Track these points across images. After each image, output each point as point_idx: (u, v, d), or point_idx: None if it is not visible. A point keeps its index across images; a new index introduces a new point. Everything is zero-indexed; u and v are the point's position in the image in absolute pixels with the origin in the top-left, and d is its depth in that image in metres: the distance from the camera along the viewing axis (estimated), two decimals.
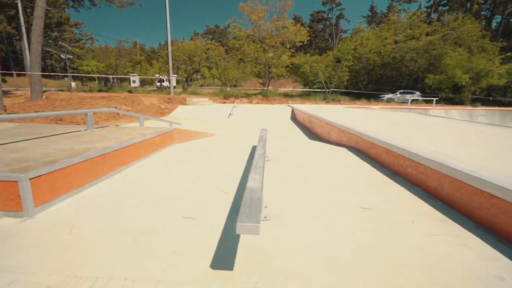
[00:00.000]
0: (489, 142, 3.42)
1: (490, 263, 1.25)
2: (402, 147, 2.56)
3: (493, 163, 2.13)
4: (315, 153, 3.73)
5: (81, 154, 2.10)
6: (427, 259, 1.26)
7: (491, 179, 1.57)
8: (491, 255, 1.31)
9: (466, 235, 1.51)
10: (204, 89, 28.58)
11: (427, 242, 1.42)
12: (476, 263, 1.25)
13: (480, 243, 1.42)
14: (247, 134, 7.27)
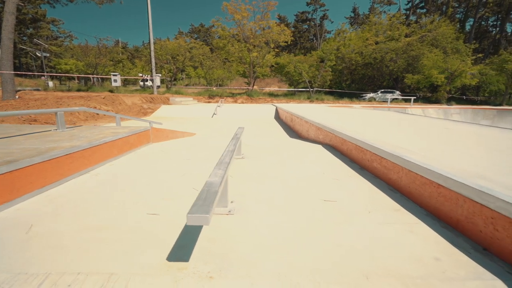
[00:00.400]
0: (450, 137, 3.63)
1: (431, 247, 1.35)
2: (369, 143, 2.68)
3: (447, 156, 2.28)
4: (291, 151, 3.81)
5: (46, 153, 2.05)
6: (375, 245, 1.35)
7: (439, 170, 1.69)
8: (433, 239, 1.42)
9: (415, 222, 1.62)
10: (189, 89, 28.23)
11: (378, 230, 1.51)
12: (418, 247, 1.35)
13: (426, 229, 1.53)
14: (229, 133, 7.29)
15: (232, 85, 37.11)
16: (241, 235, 1.44)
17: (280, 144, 4.61)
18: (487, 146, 2.93)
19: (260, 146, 4.22)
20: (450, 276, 1.13)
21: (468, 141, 3.26)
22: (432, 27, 24.72)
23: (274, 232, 1.48)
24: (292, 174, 2.57)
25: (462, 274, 1.14)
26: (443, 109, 16.77)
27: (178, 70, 21.47)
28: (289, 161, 3.11)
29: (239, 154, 3.23)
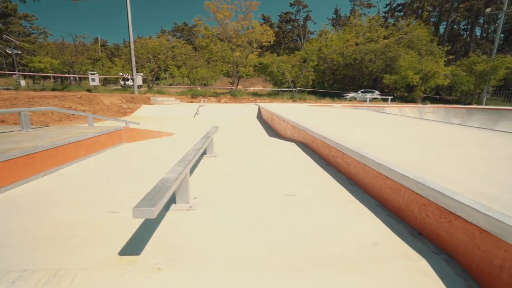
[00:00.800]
0: (412, 133, 3.85)
1: (373, 233, 1.47)
2: (333, 140, 2.81)
3: (402, 151, 2.44)
4: (266, 149, 3.89)
5: (3, 154, 2.00)
6: (324, 234, 1.45)
7: (387, 164, 1.83)
8: (376, 227, 1.54)
9: (364, 212, 1.74)
10: (172, 88, 27.79)
11: (329, 220, 1.61)
12: (363, 233, 1.46)
13: (372, 218, 1.65)
14: (217, 135, 7.30)
15: (217, 84, 36.87)
16: (198, 229, 1.49)
17: (257, 143, 4.69)
18: (439, 140, 3.15)
19: (237, 144, 4.28)
20: (383, 258, 1.25)
21: (428, 138, 3.48)
22: (408, 29, 25.83)
23: (232, 226, 1.54)
24: (261, 171, 2.64)
25: (394, 256, 1.26)
26: (418, 108, 17.57)
27: (160, 69, 21.03)
28: (261, 159, 3.19)
29: (211, 152, 3.27)
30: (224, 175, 2.51)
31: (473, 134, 3.68)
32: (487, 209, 1.09)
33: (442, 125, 4.90)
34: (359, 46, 24.25)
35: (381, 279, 1.11)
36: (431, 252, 1.29)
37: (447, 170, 1.79)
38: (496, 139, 3.26)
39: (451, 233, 1.24)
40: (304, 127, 4.03)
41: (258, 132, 7.53)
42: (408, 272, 1.16)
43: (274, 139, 5.30)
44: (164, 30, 57.74)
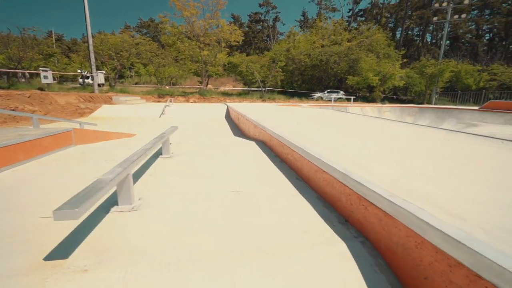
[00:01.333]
0: (363, 131, 4.18)
1: (306, 223, 1.59)
2: (285, 138, 2.94)
3: (346, 147, 2.65)
4: (226, 148, 3.93)
5: None
6: (265, 226, 1.54)
7: (323, 159, 1.98)
8: (311, 217, 1.67)
9: (305, 204, 1.87)
10: (138, 87, 26.51)
11: (273, 214, 1.71)
12: (298, 223, 1.58)
13: (310, 210, 1.78)
14: (174, 133, 7.12)
15: (186, 84, 35.92)
16: (137, 230, 1.49)
17: (220, 142, 4.70)
18: (381, 137, 3.47)
19: (198, 144, 4.25)
20: (311, 243, 1.37)
21: (373, 134, 3.80)
22: (368, 34, 27.59)
23: (174, 225, 1.56)
24: (215, 170, 2.68)
25: (320, 241, 1.39)
26: (377, 107, 18.90)
27: (124, 67, 19.92)
28: (219, 158, 3.22)
29: (167, 153, 3.23)
30: (176, 175, 2.50)
31: (410, 130, 4.10)
32: (390, 196, 1.26)
33: (389, 122, 5.36)
34: (325, 48, 25.34)
35: (307, 262, 1.22)
36: (352, 236, 1.44)
37: (376, 164, 1.99)
38: (430, 134, 3.67)
39: (367, 218, 1.41)
40: (263, 126, 4.15)
41: (224, 131, 7.53)
42: (330, 255, 1.29)
43: (237, 139, 5.36)
44: (128, 25, 54.72)
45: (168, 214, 1.68)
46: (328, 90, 25.14)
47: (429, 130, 4.20)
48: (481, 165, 2.10)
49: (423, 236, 1.02)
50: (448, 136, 3.52)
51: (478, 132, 10.49)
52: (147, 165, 2.80)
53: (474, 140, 3.27)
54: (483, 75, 24.02)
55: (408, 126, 4.75)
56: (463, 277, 0.86)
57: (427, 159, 2.22)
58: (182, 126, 8.17)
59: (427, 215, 1.05)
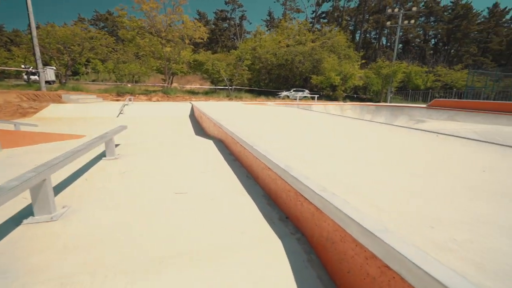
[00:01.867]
0: (317, 127, 4.30)
1: (247, 222, 1.54)
2: (238, 135, 2.88)
3: (295, 143, 2.67)
4: (182, 147, 3.74)
5: None
6: (203, 228, 1.45)
7: (268, 155, 1.95)
8: (253, 216, 1.62)
9: (249, 203, 1.82)
10: (96, 85, 24.62)
11: (213, 215, 1.63)
12: (237, 224, 1.51)
13: (254, 208, 1.74)
14: (130, 134, 6.64)
15: (150, 82, 34.19)
16: (51, 243, 1.30)
17: (177, 142, 4.48)
18: (329, 132, 3.59)
19: (154, 144, 4.00)
20: (248, 243, 1.31)
21: (329, 131, 3.93)
22: (330, 35, 28.89)
23: (99, 233, 1.39)
24: (162, 171, 2.52)
25: (257, 241, 1.34)
26: (339, 105, 19.90)
27: (75, 63, 18.17)
28: (170, 158, 3.04)
29: (112, 154, 2.96)
30: (116, 179, 2.29)
31: (363, 126, 4.33)
32: (321, 190, 1.25)
33: (345, 119, 5.62)
34: (290, 47, 25.94)
35: (239, 265, 1.16)
36: (289, 233, 1.42)
37: (317, 157, 2.02)
38: (374, 127, 3.89)
39: (303, 213, 1.39)
40: (220, 124, 4.04)
41: (185, 130, 7.24)
42: (264, 254, 1.25)
43: (197, 138, 5.18)
44: (82, 18, 50.22)
45: (94, 223, 1.50)
46: (294, 89, 25.80)
47: (381, 126, 4.47)
48: (415, 156, 2.25)
49: (346, 230, 1.02)
50: (391, 131, 3.77)
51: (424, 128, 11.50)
52: (85, 169, 2.54)
53: (413, 133, 3.55)
54: (430, 76, 26.63)
55: (361, 122, 5.02)
56: (376, 268, 0.87)
57: (371, 153, 2.32)
58: (141, 126, 7.74)
59: (350, 209, 1.05)
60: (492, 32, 38.31)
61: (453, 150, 2.53)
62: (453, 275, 0.68)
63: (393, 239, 0.83)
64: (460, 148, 2.63)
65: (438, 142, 2.98)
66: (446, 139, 3.18)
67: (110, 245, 1.28)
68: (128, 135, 5.80)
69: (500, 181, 1.58)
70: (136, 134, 5.93)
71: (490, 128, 10.87)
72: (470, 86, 20.63)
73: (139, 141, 4.36)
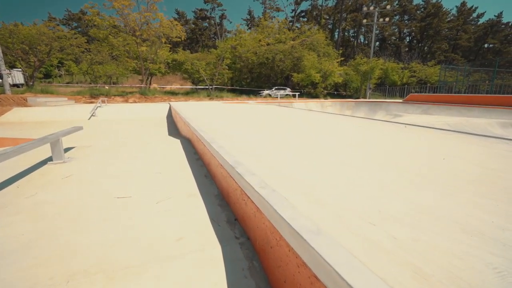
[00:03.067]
0: (290, 124, 4.19)
1: (189, 226, 1.36)
2: (200, 132, 2.69)
3: (258, 140, 2.52)
4: (145, 148, 3.50)
5: None
6: (145, 231, 1.25)
7: (221, 151, 1.78)
8: (198, 219, 1.45)
9: (198, 205, 1.65)
10: (69, 87, 23.40)
11: (152, 221, 1.43)
12: (177, 230, 1.34)
13: (202, 210, 1.57)
14: (100, 138, 6.24)
15: (128, 83, 32.99)
16: None
17: (144, 142, 4.21)
18: (298, 128, 3.49)
19: (116, 146, 3.72)
20: (185, 251, 1.14)
21: (296, 126, 3.82)
22: (310, 33, 29.17)
23: (16, 245, 1.16)
24: (112, 174, 2.28)
25: (195, 248, 1.17)
26: (320, 102, 20.11)
27: (43, 64, 17.05)
28: (128, 160, 2.80)
29: (60, 158, 2.68)
30: (56, 184, 2.04)
31: (339, 120, 4.27)
32: (261, 188, 1.10)
33: (323, 115, 5.57)
34: (270, 46, 25.89)
35: (168, 279, 0.98)
36: (234, 237, 1.26)
37: (277, 154, 1.88)
38: (343, 121, 3.84)
39: (247, 214, 1.24)
40: (187, 122, 3.83)
41: (159, 131, 6.89)
42: (200, 265, 1.08)
43: (168, 138, 4.91)
44: (53, 17, 47.69)
45: (12, 233, 1.27)
46: (276, 87, 25.82)
47: (357, 120, 4.43)
48: (378, 148, 2.16)
49: (280, 232, 0.87)
50: (361, 123, 3.72)
51: (400, 121, 11.76)
52: (23, 174, 2.25)
53: (386, 125, 3.51)
54: (406, 72, 27.57)
55: (337, 117, 4.97)
56: (306, 279, 0.72)
57: (335, 147, 2.22)
58: (112, 128, 7.32)
59: (285, 207, 0.90)
60: (461, 30, 40.35)
61: (417, 140, 2.48)
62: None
63: (323, 244, 0.69)
64: (427, 138, 2.59)
65: (404, 133, 2.95)
66: (413, 130, 3.16)
67: (20, 260, 1.06)
68: (93, 136, 5.44)
69: (459, 169, 1.51)
70: (103, 136, 5.56)
71: (461, 120, 11.35)
72: (443, 81, 21.56)
73: (101, 143, 4.05)
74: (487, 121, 11.92)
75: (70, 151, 3.20)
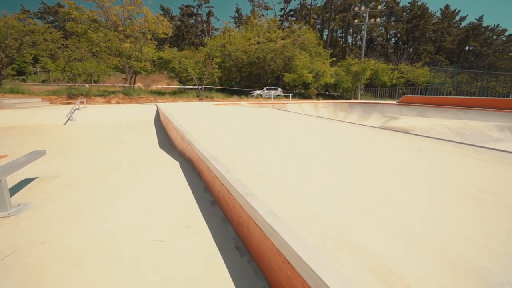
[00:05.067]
0: (282, 126, 3.51)
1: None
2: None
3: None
4: (129, 176, 2.68)
5: None
6: None
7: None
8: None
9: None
10: (45, 86, 21.67)
11: None
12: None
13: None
14: (73, 157, 5.27)
15: (110, 81, 31.21)
16: None
17: (126, 164, 3.37)
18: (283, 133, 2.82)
19: (85, 173, 2.87)
20: None
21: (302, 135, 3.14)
22: (300, 32, 28.72)
23: None
24: (87, 245, 1.48)
25: None
26: (314, 104, 19.64)
27: (12, 61, 15.38)
28: (102, 204, 1.99)
29: (2, 209, 1.83)
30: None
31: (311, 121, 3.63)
32: None
33: (309, 118, 4.93)
34: (260, 45, 25.17)
35: None
36: None
37: None
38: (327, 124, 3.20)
39: None
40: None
41: (147, 142, 5.94)
42: None
43: (160, 155, 4.07)
44: (26, 10, 44.55)
45: None
46: (267, 87, 25.18)
47: (350, 126, 3.82)
48: None
49: None
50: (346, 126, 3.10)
51: (398, 124, 11.41)
52: None
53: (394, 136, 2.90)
54: (395, 73, 27.76)
55: (334, 124, 4.35)
56: None
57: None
58: (89, 137, 6.31)
59: None
60: (445, 32, 41.47)
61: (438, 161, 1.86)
62: None
63: None
64: None
65: (417, 148, 2.33)
66: (426, 144, 2.56)
67: None
68: (64, 154, 4.48)
69: None
70: (77, 153, 4.63)
71: (460, 124, 11.18)
72: (432, 82, 21.75)
73: (74, 170, 3.18)
74: (484, 124, 11.81)
75: (28, 186, 2.34)
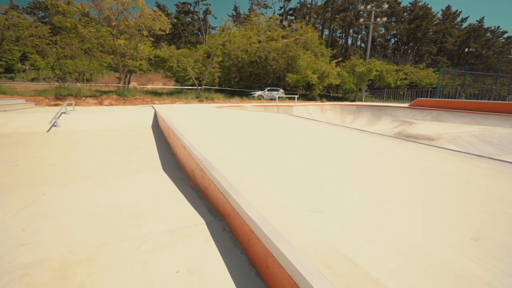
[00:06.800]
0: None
1: None
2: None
3: None
4: (120, 247, 1.60)
5: None
6: None
7: None
8: None
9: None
10: (33, 85, 20.29)
11: None
12: None
13: None
14: (47, 196, 4.11)
15: (103, 80, 29.78)
16: None
17: (118, 212, 2.26)
18: None
19: (78, 221, 1.78)
20: None
21: None
22: (302, 31, 27.74)
23: None
24: None
25: None
26: (319, 106, 18.68)
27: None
28: None
29: None
30: None
31: None
32: None
33: (309, 122, 3.90)
34: (262, 44, 24.11)
35: None
36: None
37: None
38: None
39: None
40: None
41: (146, 160, 4.64)
42: None
43: (166, 181, 2.97)
44: (15, 5, 42.63)
45: None
46: (268, 88, 24.14)
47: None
48: None
49: None
50: None
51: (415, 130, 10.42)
52: None
53: None
54: (400, 74, 27.02)
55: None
56: None
57: None
58: (76, 154, 4.97)
59: None
60: (446, 33, 41.05)
61: None
62: None
63: None
64: None
65: None
66: None
67: None
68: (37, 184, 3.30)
69: None
70: (55, 187, 3.46)
71: (484, 130, 10.31)
72: (442, 84, 20.99)
73: (51, 233, 2.08)
74: (509, 131, 10.93)
75: None
